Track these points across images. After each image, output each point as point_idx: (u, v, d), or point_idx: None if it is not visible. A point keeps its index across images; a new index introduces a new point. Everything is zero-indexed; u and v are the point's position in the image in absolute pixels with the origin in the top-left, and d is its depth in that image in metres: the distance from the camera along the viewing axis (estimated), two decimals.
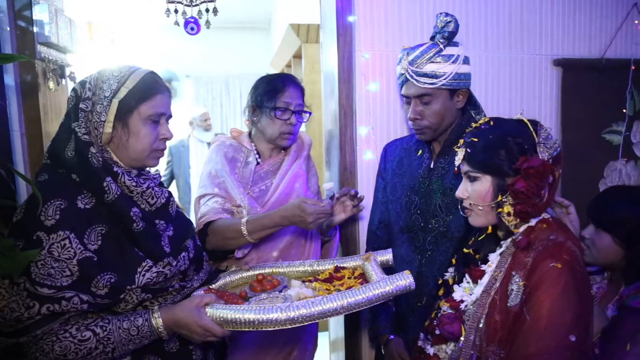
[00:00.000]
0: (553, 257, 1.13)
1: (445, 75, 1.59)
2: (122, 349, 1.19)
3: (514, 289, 1.15)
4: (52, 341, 1.13)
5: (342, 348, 2.14)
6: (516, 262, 1.18)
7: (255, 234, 1.56)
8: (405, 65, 1.63)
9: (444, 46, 1.61)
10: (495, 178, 1.23)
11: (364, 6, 1.94)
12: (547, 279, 1.11)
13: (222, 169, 1.77)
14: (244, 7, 5.05)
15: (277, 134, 1.78)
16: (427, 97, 1.62)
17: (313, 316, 1.20)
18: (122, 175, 1.23)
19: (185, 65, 5.94)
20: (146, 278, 1.20)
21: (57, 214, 1.15)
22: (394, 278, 1.27)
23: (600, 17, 2.14)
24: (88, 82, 1.25)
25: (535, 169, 1.16)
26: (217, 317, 1.21)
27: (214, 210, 1.66)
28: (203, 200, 1.74)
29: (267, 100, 1.76)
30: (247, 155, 1.84)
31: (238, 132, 1.92)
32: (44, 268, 1.12)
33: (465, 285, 1.29)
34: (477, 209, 1.26)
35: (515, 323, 1.13)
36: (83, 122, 1.22)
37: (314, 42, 3.45)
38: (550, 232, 1.19)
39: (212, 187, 1.74)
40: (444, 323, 1.25)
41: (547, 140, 1.22)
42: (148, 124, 1.26)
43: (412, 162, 1.77)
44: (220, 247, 1.64)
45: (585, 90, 2.10)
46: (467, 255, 1.35)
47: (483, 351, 1.17)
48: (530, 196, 1.17)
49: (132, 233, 1.23)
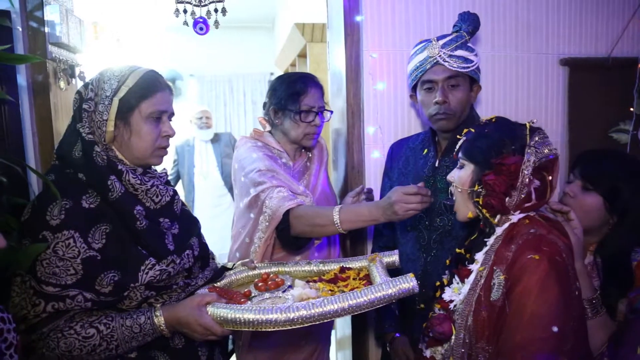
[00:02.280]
0: (532, 249, 1.14)
1: (474, 63, 1.65)
2: (126, 346, 1.20)
3: (496, 283, 1.17)
4: (58, 338, 1.15)
5: (348, 346, 2.16)
6: (498, 257, 1.20)
7: (347, 224, 1.55)
8: (437, 49, 1.65)
9: (469, 39, 1.68)
10: (477, 167, 1.27)
11: (371, 6, 1.95)
12: (526, 270, 1.12)
13: (271, 164, 1.75)
14: (247, 6, 5.06)
15: (301, 135, 1.80)
16: (456, 80, 1.64)
17: (313, 317, 1.20)
18: (127, 174, 1.25)
19: (189, 65, 5.95)
20: (149, 276, 1.22)
21: (62, 213, 1.17)
22: (397, 281, 1.26)
23: (606, 16, 2.14)
24: (90, 83, 1.27)
25: (506, 166, 1.20)
26: (218, 316, 1.22)
27: (288, 198, 1.64)
28: (264, 195, 1.68)
29: (290, 103, 1.77)
30: (279, 156, 1.84)
31: (260, 133, 1.91)
32: (49, 267, 1.14)
33: (454, 285, 1.31)
34: (458, 194, 1.31)
35: (500, 317, 1.15)
36: (87, 122, 1.24)
37: (318, 42, 3.46)
38: (532, 226, 1.21)
39: (271, 180, 1.70)
40: (434, 324, 1.27)
41: (540, 146, 1.23)
42: (149, 122, 1.28)
43: (418, 161, 1.78)
44: (306, 233, 1.63)
45: (592, 89, 2.10)
46: (458, 255, 1.37)
47: (473, 348, 1.18)
48: (496, 190, 1.21)
49: (136, 231, 1.24)
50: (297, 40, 3.69)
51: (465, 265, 1.31)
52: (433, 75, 1.66)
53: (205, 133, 4.49)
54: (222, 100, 6.43)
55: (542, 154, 1.22)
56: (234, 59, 6.16)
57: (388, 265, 1.53)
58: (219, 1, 1.73)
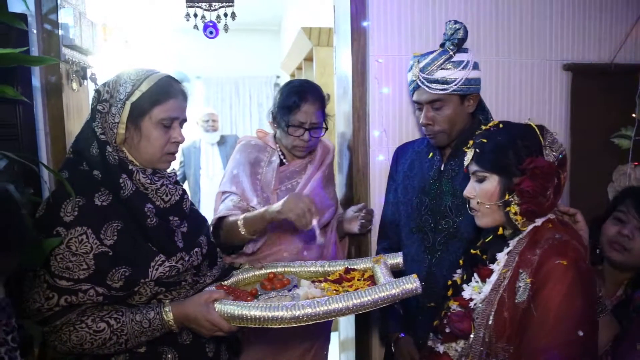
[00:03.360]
0: (559, 255, 1.16)
1: (456, 81, 1.63)
2: (135, 341, 1.23)
3: (521, 285, 1.18)
4: (70, 331, 1.18)
5: (352, 348, 2.17)
6: (523, 260, 1.21)
7: (250, 228, 1.60)
8: (417, 72, 1.67)
9: (454, 53, 1.65)
10: (502, 178, 1.26)
11: (378, 11, 1.98)
12: (554, 275, 1.14)
13: (243, 171, 1.81)
14: (254, 10, 5.10)
15: (290, 146, 1.83)
16: (439, 103, 1.66)
17: (318, 315, 1.22)
18: (137, 173, 1.28)
19: (195, 67, 5.99)
20: (159, 272, 1.24)
21: (76, 210, 1.20)
22: (401, 281, 1.28)
23: (610, 23, 2.16)
24: (107, 84, 1.29)
25: (541, 169, 1.20)
26: (225, 312, 1.24)
27: (227, 207, 1.72)
28: (223, 197, 1.80)
29: (282, 114, 1.79)
30: (271, 155, 1.87)
31: (264, 133, 1.96)
32: (63, 261, 1.17)
33: (474, 284, 1.32)
34: (484, 207, 1.30)
35: (524, 319, 1.16)
36: (100, 122, 1.26)
37: (325, 45, 3.49)
38: (556, 231, 1.22)
39: (231, 186, 1.79)
40: (453, 320, 1.28)
41: (553, 144, 1.26)
42: (159, 128, 1.29)
43: (423, 164, 1.80)
44: (227, 242, 1.69)
45: (594, 95, 2.12)
46: (474, 256, 1.38)
47: (492, 347, 1.20)
48: (536, 196, 1.21)
49: (146, 228, 1.26)
50: (303, 43, 3.72)
51: (486, 265, 1.32)
52: (418, 96, 1.70)
53: (211, 136, 4.52)
54: (228, 102, 6.47)
55: (558, 152, 1.25)
56: (241, 61, 6.20)
57: (392, 267, 1.54)
58: (228, 6, 1.77)
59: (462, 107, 1.68)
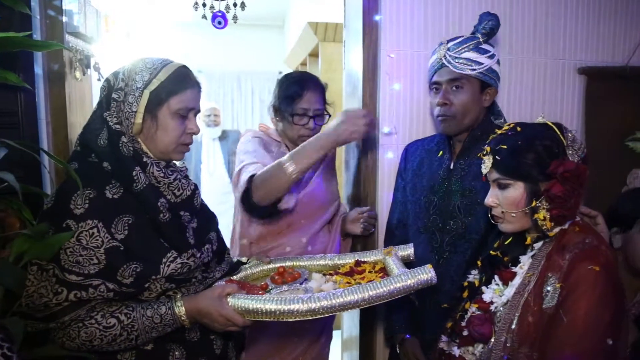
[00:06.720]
0: (590, 260, 1.12)
1: (482, 66, 1.61)
2: (146, 337, 1.20)
3: (550, 290, 1.15)
4: (79, 327, 1.14)
5: (355, 347, 2.14)
6: (551, 264, 1.18)
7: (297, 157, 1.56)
8: (443, 52, 1.64)
9: (484, 41, 1.64)
10: (527, 184, 1.21)
11: (390, 6, 1.94)
12: (585, 281, 1.10)
13: (260, 150, 1.79)
14: (259, 4, 5.05)
15: (296, 136, 1.83)
16: (460, 82, 1.62)
17: (334, 308, 1.19)
18: (151, 166, 1.24)
19: (198, 61, 5.93)
20: (171, 269, 1.21)
21: (87, 203, 1.16)
22: (416, 272, 1.26)
23: (624, 24, 2.13)
24: (121, 72, 1.25)
25: (572, 172, 1.16)
26: (239, 306, 1.22)
27: (256, 168, 1.66)
28: (244, 169, 1.72)
29: (285, 105, 1.80)
30: (278, 147, 1.88)
31: (266, 127, 1.95)
32: (73, 255, 1.14)
33: (494, 287, 1.29)
34: (510, 216, 1.25)
35: (550, 325, 1.13)
36: (115, 112, 1.23)
37: (331, 41, 3.46)
38: (585, 235, 1.19)
39: (252, 158, 1.74)
40: (474, 324, 1.24)
41: (575, 143, 1.22)
42: (176, 118, 1.27)
43: (433, 163, 1.77)
44: (264, 196, 1.61)
45: (609, 97, 2.09)
46: (494, 257, 1.34)
47: (515, 353, 1.17)
48: (568, 200, 1.17)
49: (159, 223, 1.23)
50: (309, 39, 3.68)
51: (508, 267, 1.28)
52: (438, 77, 1.66)
53: (213, 131, 4.48)
54: (230, 97, 6.42)
55: (580, 151, 1.21)
56: (243, 56, 6.15)
57: (403, 259, 1.52)
58: None
59: (480, 97, 1.66)
